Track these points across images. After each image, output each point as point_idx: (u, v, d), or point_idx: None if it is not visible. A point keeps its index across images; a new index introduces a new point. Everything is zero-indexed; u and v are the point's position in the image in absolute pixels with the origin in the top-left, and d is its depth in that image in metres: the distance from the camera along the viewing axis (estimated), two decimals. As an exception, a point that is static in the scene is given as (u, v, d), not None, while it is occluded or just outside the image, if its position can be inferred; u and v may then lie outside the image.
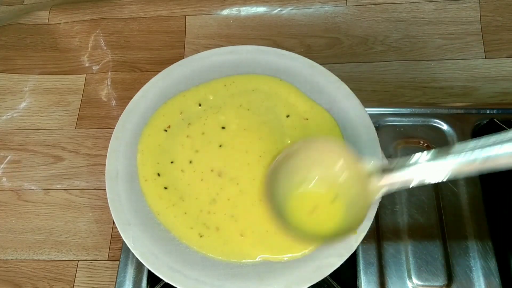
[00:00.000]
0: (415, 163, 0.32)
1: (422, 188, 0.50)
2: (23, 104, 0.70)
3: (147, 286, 0.47)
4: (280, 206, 0.37)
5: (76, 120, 0.68)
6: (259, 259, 0.39)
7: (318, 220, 0.37)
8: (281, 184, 0.38)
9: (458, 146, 0.30)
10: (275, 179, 0.38)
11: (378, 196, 0.34)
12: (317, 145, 0.38)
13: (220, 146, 0.44)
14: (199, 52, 0.49)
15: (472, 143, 0.29)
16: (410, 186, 0.33)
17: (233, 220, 0.41)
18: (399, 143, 0.52)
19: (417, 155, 0.32)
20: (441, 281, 0.45)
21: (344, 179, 0.37)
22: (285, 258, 0.39)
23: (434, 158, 0.31)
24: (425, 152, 0.32)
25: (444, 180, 0.31)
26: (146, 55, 0.72)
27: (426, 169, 0.31)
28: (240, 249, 0.39)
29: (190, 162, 0.43)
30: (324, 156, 0.37)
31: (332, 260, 0.38)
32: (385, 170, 0.33)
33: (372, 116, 0.45)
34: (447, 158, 0.30)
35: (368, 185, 0.34)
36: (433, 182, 0.32)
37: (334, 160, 0.37)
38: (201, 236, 0.40)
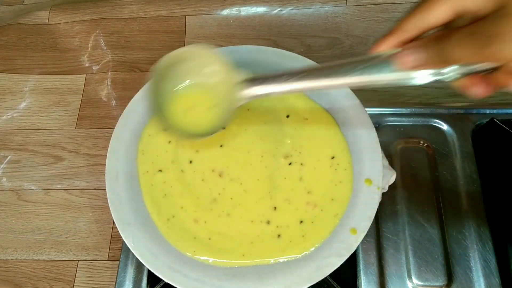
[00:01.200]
0: (278, 80, 0.35)
1: (422, 188, 0.50)
2: (23, 104, 0.70)
3: (147, 286, 0.47)
4: (162, 105, 0.40)
5: (76, 120, 0.68)
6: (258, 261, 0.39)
7: (191, 120, 0.40)
8: (165, 85, 0.40)
9: (316, 66, 0.35)
10: (161, 79, 0.40)
11: (242, 103, 0.37)
12: (201, 53, 0.40)
13: (221, 146, 0.44)
14: (199, 52, 0.49)
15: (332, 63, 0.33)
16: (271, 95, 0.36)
17: (232, 221, 0.41)
18: (399, 143, 0.52)
19: (281, 73, 0.35)
20: (441, 281, 0.45)
21: (217, 85, 0.40)
22: (281, 260, 0.39)
23: (296, 78, 0.34)
24: (289, 71, 0.34)
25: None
26: (146, 55, 0.72)
27: (288, 87, 0.34)
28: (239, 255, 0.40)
29: (190, 162, 0.43)
30: (207, 64, 0.40)
31: (332, 260, 0.38)
32: (251, 81, 0.36)
33: (372, 116, 0.45)
34: (301, 79, 0.34)
35: (236, 93, 0.37)
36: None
37: (210, 66, 0.40)
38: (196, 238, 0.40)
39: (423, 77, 0.29)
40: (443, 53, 0.26)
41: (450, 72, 0.28)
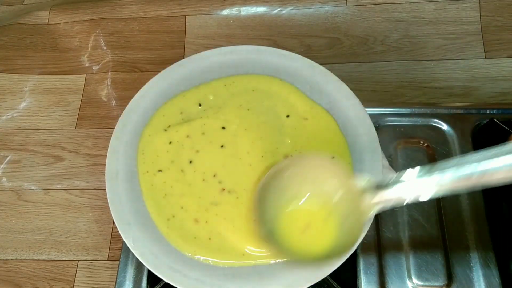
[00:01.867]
0: (410, 179, 0.30)
1: (422, 188, 0.50)
2: (23, 104, 0.70)
3: (147, 286, 0.47)
4: (271, 226, 0.35)
5: (76, 120, 0.68)
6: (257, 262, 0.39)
7: (310, 239, 0.35)
8: (272, 202, 0.36)
9: (454, 160, 0.29)
10: (265, 196, 0.36)
11: (372, 214, 0.32)
12: (309, 161, 0.36)
13: (222, 146, 0.44)
14: (199, 52, 0.49)
15: (469, 156, 0.28)
16: (405, 203, 0.31)
17: (231, 223, 0.41)
18: (399, 143, 0.52)
19: (411, 170, 0.31)
20: (441, 281, 0.45)
21: (337, 196, 0.35)
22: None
23: (429, 173, 0.29)
24: (419, 167, 0.30)
25: (441, 196, 0.30)
26: (146, 55, 0.72)
27: (421, 185, 0.30)
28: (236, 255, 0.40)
29: (190, 162, 0.43)
30: (316, 172, 0.36)
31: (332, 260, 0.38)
32: (379, 187, 0.32)
33: (372, 116, 0.45)
34: (443, 172, 0.29)
35: (361, 202, 0.32)
36: (428, 198, 0.30)
37: (326, 176, 0.36)
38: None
39: None
40: None
41: None
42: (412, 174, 0.30)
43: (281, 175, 0.36)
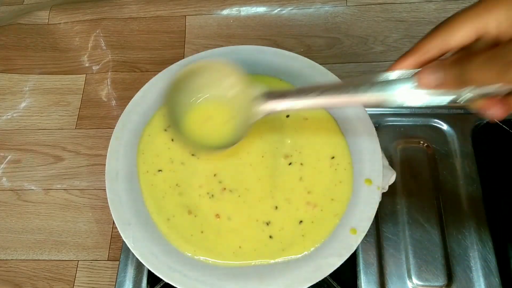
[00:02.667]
0: (296, 96, 0.35)
1: (422, 188, 0.50)
2: (23, 104, 0.70)
3: (147, 286, 0.48)
4: (179, 117, 0.41)
5: (76, 120, 0.68)
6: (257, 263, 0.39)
7: (208, 132, 0.42)
8: (182, 97, 0.41)
9: (335, 83, 0.35)
10: (177, 90, 0.40)
11: (259, 118, 0.37)
12: (218, 66, 0.40)
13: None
14: (199, 52, 0.49)
15: (351, 80, 0.33)
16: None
17: (231, 222, 0.41)
18: (399, 143, 0.52)
19: (299, 89, 0.36)
20: (441, 281, 0.45)
21: (235, 98, 0.40)
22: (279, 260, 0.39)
23: (309, 93, 0.34)
24: (304, 88, 0.35)
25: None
26: (146, 55, 0.72)
27: (306, 102, 0.35)
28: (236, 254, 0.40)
29: (190, 162, 0.43)
30: (224, 78, 0.41)
31: (332, 260, 0.38)
32: (268, 96, 0.37)
33: (372, 116, 0.45)
34: (320, 95, 0.34)
35: (252, 107, 0.37)
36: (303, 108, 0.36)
37: (228, 79, 0.40)
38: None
39: (439, 97, 0.30)
40: (463, 75, 0.26)
41: (467, 93, 0.28)
42: (298, 91, 0.35)
43: (193, 76, 0.41)
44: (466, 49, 0.28)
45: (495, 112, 0.29)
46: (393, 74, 0.31)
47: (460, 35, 0.28)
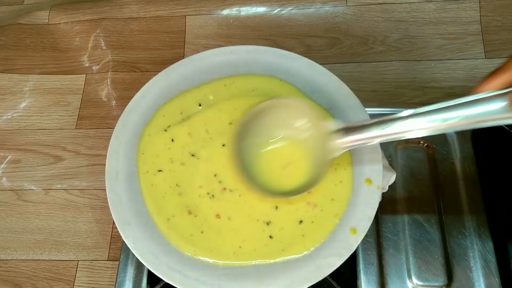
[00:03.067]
0: (375, 126, 0.34)
1: (422, 188, 0.50)
2: (23, 104, 0.70)
3: (147, 286, 0.47)
4: (249, 164, 0.39)
5: (76, 120, 0.68)
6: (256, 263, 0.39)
7: (286, 177, 0.39)
8: (250, 142, 0.39)
9: (417, 109, 0.32)
10: (243, 138, 0.39)
11: (338, 154, 0.36)
12: (285, 103, 0.39)
13: (223, 145, 0.44)
14: (199, 52, 0.49)
15: (435, 105, 0.31)
16: (369, 144, 0.35)
17: (231, 222, 0.41)
18: (399, 143, 0.52)
19: (377, 120, 0.34)
20: (441, 281, 0.45)
21: (312, 137, 0.38)
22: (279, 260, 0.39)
23: (391, 122, 0.33)
24: (383, 118, 0.34)
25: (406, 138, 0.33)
26: (146, 55, 0.72)
27: (386, 131, 0.34)
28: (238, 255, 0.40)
29: (191, 162, 0.43)
30: (292, 114, 0.39)
31: (332, 260, 0.38)
32: (346, 130, 0.35)
33: (372, 116, 0.45)
34: (402, 123, 0.33)
35: (330, 143, 0.36)
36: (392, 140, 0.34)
37: (301, 118, 0.39)
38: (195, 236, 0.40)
39: None
40: None
41: None
42: (377, 122, 0.34)
43: (259, 117, 0.39)
44: None
45: None
46: (483, 95, 0.29)
47: None
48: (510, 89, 0.29)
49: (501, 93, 0.29)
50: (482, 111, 0.29)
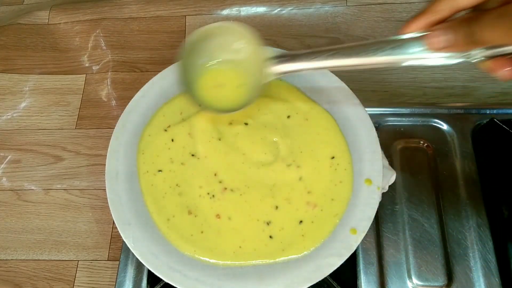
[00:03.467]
0: (305, 57, 0.35)
1: (422, 188, 0.50)
2: (23, 104, 0.70)
3: (147, 286, 0.47)
4: (192, 80, 0.41)
5: (76, 120, 0.68)
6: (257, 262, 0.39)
7: (220, 96, 0.41)
8: (195, 60, 0.41)
9: (343, 45, 0.33)
10: (191, 53, 0.40)
11: (270, 79, 0.37)
12: (229, 27, 0.40)
13: (221, 143, 0.44)
14: (199, 52, 0.49)
15: (360, 42, 0.32)
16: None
17: (232, 222, 0.41)
18: (399, 143, 0.52)
19: (310, 51, 0.35)
20: (441, 281, 0.45)
21: (248, 60, 0.40)
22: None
23: (319, 54, 0.34)
24: (313, 50, 0.35)
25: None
26: (146, 55, 0.72)
27: (314, 63, 0.35)
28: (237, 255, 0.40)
29: (191, 162, 0.43)
30: (237, 40, 0.40)
31: (332, 260, 0.38)
32: (279, 58, 0.36)
33: (372, 116, 0.45)
34: (329, 55, 0.34)
35: (264, 69, 0.37)
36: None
37: (241, 41, 0.40)
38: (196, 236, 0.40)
39: (450, 58, 0.30)
40: (473, 35, 0.26)
41: (477, 53, 0.28)
42: (307, 54, 0.35)
43: (203, 40, 0.40)
44: (477, 8, 0.28)
45: (505, 73, 0.28)
46: (403, 36, 0.31)
47: None
48: (427, 32, 0.29)
49: (418, 36, 0.30)
50: (401, 51, 0.31)
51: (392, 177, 0.45)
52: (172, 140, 0.44)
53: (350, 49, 0.33)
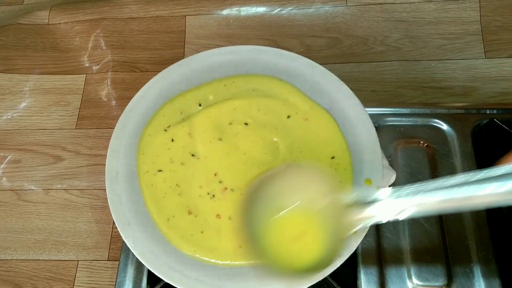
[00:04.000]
0: (398, 196, 0.30)
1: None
2: (23, 104, 0.70)
3: (147, 286, 0.47)
4: (258, 232, 0.33)
5: (76, 120, 0.68)
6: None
7: (298, 250, 0.34)
8: (261, 208, 0.34)
9: (437, 182, 0.28)
10: (254, 201, 0.34)
11: (354, 230, 0.31)
12: (301, 170, 0.35)
13: (222, 142, 0.44)
14: (199, 52, 0.49)
15: (452, 179, 0.28)
16: (385, 221, 0.30)
17: (232, 222, 0.41)
18: (399, 143, 0.52)
19: (395, 189, 0.30)
20: (441, 281, 0.45)
21: (327, 207, 0.33)
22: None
23: (412, 193, 0.29)
24: (402, 187, 0.30)
25: (421, 216, 0.29)
26: (146, 55, 0.72)
27: (403, 204, 0.29)
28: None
29: (191, 162, 0.43)
30: (307, 182, 0.34)
31: (332, 260, 0.38)
32: (364, 204, 0.31)
33: (372, 116, 0.45)
34: (425, 194, 0.28)
35: (346, 217, 0.31)
36: (407, 217, 0.29)
37: (316, 187, 0.34)
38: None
39: None
40: None
41: None
42: (395, 193, 0.30)
43: (271, 182, 0.34)
44: None
45: None
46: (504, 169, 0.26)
47: None
48: None
49: None
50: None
51: (392, 177, 0.45)
52: (172, 140, 0.44)
53: (451, 186, 0.27)
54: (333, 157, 0.43)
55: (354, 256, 0.46)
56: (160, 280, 0.43)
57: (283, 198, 0.34)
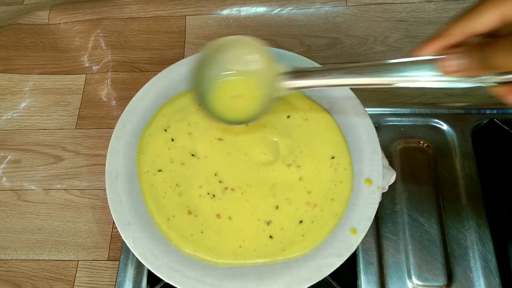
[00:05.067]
0: (319, 75, 0.36)
1: (422, 188, 0.50)
2: (23, 104, 0.70)
3: (147, 286, 0.48)
4: (206, 91, 0.42)
5: (76, 120, 0.68)
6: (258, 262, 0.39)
7: (236, 106, 0.42)
8: (209, 71, 0.42)
9: (354, 64, 0.35)
10: (204, 65, 0.41)
11: (282, 94, 0.38)
12: (244, 43, 0.41)
13: (222, 142, 0.44)
14: (199, 52, 0.49)
15: (372, 62, 0.34)
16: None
17: (232, 222, 0.41)
18: (399, 143, 0.52)
19: (322, 68, 0.37)
20: (441, 281, 0.45)
21: (262, 74, 0.41)
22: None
23: (330, 72, 0.35)
24: (325, 68, 0.36)
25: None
26: (146, 55, 0.72)
27: (326, 81, 0.36)
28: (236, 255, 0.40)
29: (191, 162, 0.43)
30: (249, 53, 0.41)
31: (332, 260, 0.38)
32: (293, 74, 0.37)
33: (372, 116, 0.45)
34: (341, 74, 0.35)
35: (277, 83, 0.38)
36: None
37: (255, 54, 0.41)
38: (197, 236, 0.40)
39: (461, 81, 0.30)
40: (486, 60, 0.27)
41: (489, 78, 0.29)
42: (318, 72, 0.36)
43: (220, 52, 0.41)
44: (491, 34, 0.28)
45: None
46: (416, 58, 0.31)
47: (485, 20, 0.28)
48: (440, 55, 0.30)
49: (431, 59, 0.30)
50: (413, 72, 0.31)
51: (392, 177, 0.45)
52: (172, 140, 0.44)
53: (363, 68, 0.34)
54: (333, 157, 0.43)
55: (354, 256, 0.46)
56: (160, 280, 0.43)
57: (228, 65, 0.42)
